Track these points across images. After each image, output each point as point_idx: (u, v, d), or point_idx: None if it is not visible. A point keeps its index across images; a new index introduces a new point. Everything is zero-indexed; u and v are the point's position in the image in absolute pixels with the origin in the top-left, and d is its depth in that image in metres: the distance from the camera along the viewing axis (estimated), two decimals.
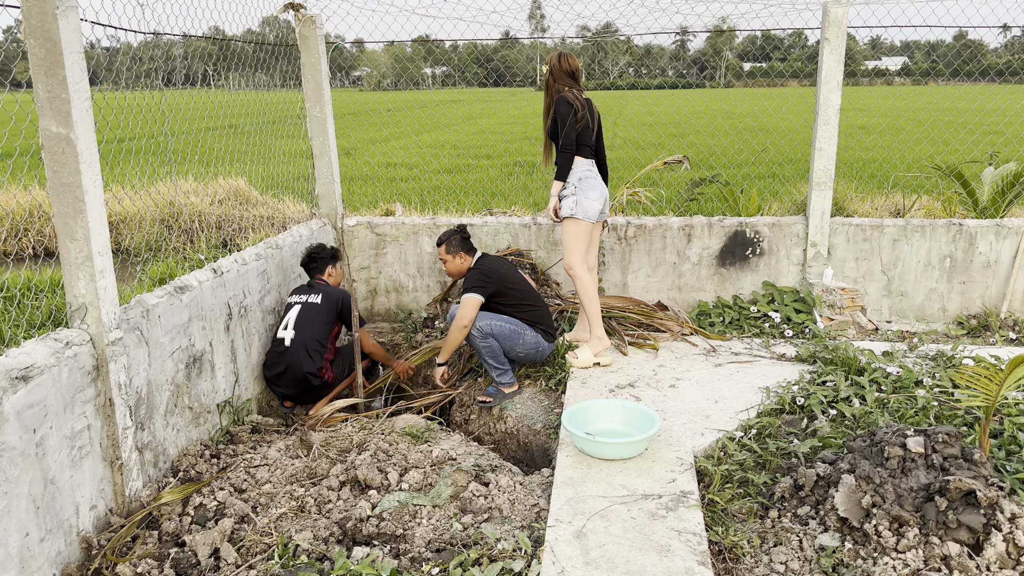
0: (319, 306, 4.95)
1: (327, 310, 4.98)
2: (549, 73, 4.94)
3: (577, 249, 4.94)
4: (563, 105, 4.84)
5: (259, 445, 4.22)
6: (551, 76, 4.93)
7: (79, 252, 3.18)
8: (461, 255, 4.88)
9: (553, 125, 4.94)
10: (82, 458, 3.17)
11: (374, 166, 15.89)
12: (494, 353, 4.73)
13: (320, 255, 5.30)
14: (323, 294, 5.01)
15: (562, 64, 4.91)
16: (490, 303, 4.75)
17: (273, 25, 5.87)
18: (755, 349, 5.32)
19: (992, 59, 16.81)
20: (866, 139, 18.03)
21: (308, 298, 5.00)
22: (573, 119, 4.82)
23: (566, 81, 4.93)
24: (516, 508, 3.47)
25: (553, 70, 4.91)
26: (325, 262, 5.29)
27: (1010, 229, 5.87)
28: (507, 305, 4.79)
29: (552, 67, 4.92)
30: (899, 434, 3.26)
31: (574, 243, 4.93)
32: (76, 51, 3.05)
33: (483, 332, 4.67)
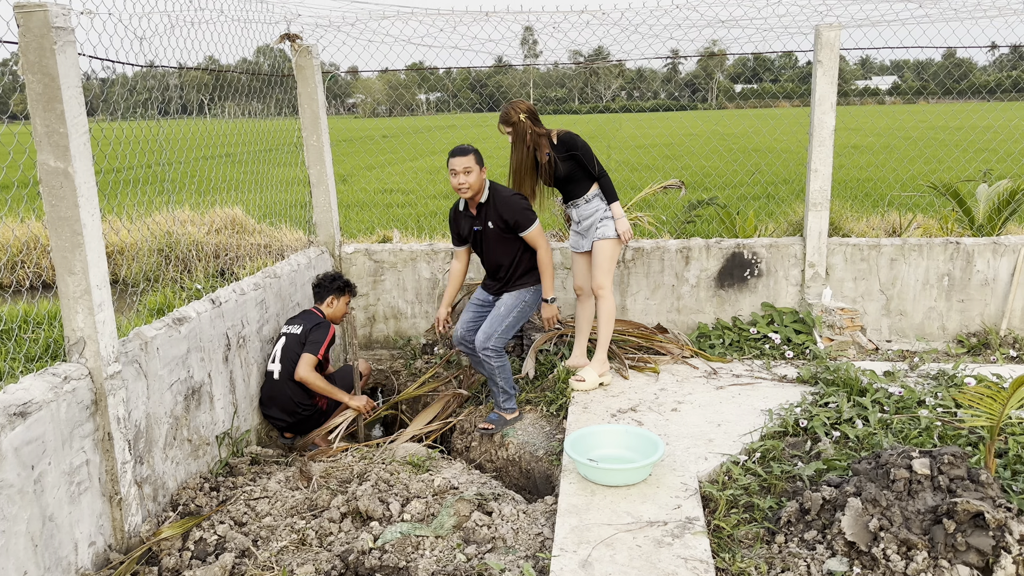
0: (297, 337, 4.91)
1: (302, 341, 4.92)
2: (528, 120, 4.76)
3: (613, 271, 4.99)
4: (577, 137, 4.85)
5: (259, 477, 4.18)
6: (530, 121, 4.78)
7: (77, 286, 3.16)
8: (483, 171, 4.61)
9: (572, 160, 4.85)
10: (81, 494, 3.13)
11: (370, 192, 15.93)
12: (507, 375, 4.69)
13: (325, 283, 5.26)
14: (304, 324, 4.96)
15: (529, 110, 4.81)
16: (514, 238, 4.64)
17: (268, 54, 5.90)
18: (756, 371, 5.30)
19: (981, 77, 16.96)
20: (860, 158, 18.14)
21: (291, 329, 4.96)
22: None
23: (539, 122, 4.86)
24: (520, 537, 3.43)
25: (531, 115, 4.78)
26: (327, 292, 5.25)
27: (1007, 246, 5.88)
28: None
29: (527, 112, 4.77)
30: (904, 456, 3.24)
31: (612, 264, 4.96)
32: (74, 86, 3.06)
33: (498, 351, 4.62)
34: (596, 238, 4.93)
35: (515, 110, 4.77)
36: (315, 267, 5.88)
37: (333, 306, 5.24)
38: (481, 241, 4.72)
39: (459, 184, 4.49)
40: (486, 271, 4.89)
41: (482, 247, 4.75)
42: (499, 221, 4.58)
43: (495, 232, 4.63)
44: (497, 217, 4.59)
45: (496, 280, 4.80)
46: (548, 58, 6.91)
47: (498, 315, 4.68)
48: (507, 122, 4.79)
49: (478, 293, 4.93)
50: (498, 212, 4.58)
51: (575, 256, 5.18)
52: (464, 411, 5.19)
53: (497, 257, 4.71)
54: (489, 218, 4.62)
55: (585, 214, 4.97)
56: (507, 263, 4.69)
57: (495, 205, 4.60)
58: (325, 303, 5.23)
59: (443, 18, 5.69)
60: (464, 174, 4.48)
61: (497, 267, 4.75)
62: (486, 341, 4.62)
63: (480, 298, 4.90)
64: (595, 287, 4.96)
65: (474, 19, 5.57)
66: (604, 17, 5.53)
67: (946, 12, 5.51)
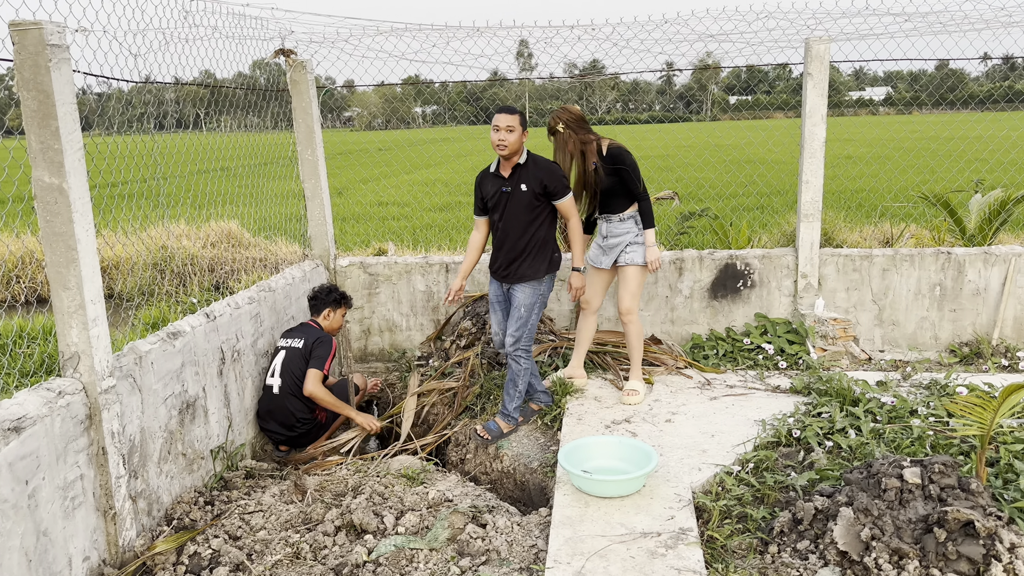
0: (300, 351, 4.92)
1: (305, 355, 4.93)
2: (567, 128, 4.73)
3: (639, 296, 4.99)
4: (626, 154, 4.77)
5: (253, 491, 4.18)
6: (570, 130, 4.73)
7: (72, 301, 3.18)
8: (526, 133, 4.53)
9: (616, 175, 4.78)
10: (75, 508, 3.14)
11: (366, 205, 15.97)
12: (527, 378, 4.71)
13: (321, 296, 5.28)
14: (305, 337, 4.97)
15: (574, 113, 4.76)
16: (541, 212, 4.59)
17: (264, 68, 5.94)
18: (750, 381, 5.32)
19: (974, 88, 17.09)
20: (853, 169, 18.23)
21: (292, 342, 4.96)
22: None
23: (585, 128, 4.79)
24: (514, 549, 3.44)
25: (571, 124, 4.73)
26: (324, 304, 5.27)
27: (998, 256, 5.92)
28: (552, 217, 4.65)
29: (568, 121, 4.73)
30: (895, 465, 3.26)
31: (640, 290, 4.96)
32: (69, 102, 3.09)
33: (528, 350, 4.64)
34: (626, 262, 4.90)
35: (556, 119, 4.75)
36: (310, 280, 5.90)
37: (330, 318, 5.26)
38: (505, 205, 4.61)
39: (499, 140, 4.43)
40: (495, 245, 4.75)
41: (504, 211, 4.62)
42: (537, 184, 4.51)
43: (525, 196, 4.53)
44: (536, 180, 4.51)
45: (504, 257, 4.66)
46: (542, 71, 6.96)
47: (520, 315, 4.64)
48: (550, 131, 4.80)
49: (492, 288, 4.83)
50: (538, 175, 4.51)
51: (591, 270, 5.12)
52: (459, 423, 5.19)
53: (514, 224, 4.59)
54: (524, 180, 4.53)
55: (615, 231, 4.92)
56: (520, 235, 4.58)
57: (534, 168, 4.55)
58: (322, 315, 5.25)
59: (436, 33, 5.74)
60: (506, 131, 4.42)
61: (506, 237, 4.62)
62: (516, 343, 4.62)
63: (496, 293, 4.82)
64: (622, 311, 4.95)
65: (467, 34, 5.61)
66: (595, 32, 5.59)
67: (934, 25, 5.58)
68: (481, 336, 5.92)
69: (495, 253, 4.76)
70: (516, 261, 4.62)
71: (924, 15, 5.58)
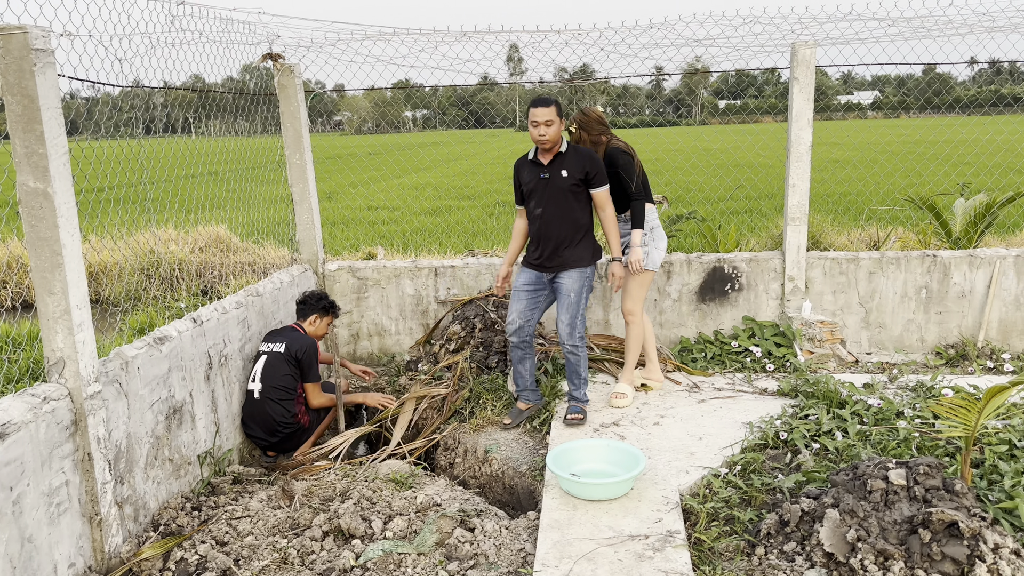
0: (281, 355, 4.89)
1: (289, 359, 4.90)
2: (580, 129, 4.82)
3: (643, 297, 4.98)
4: (620, 155, 4.80)
5: (241, 496, 4.17)
6: (582, 131, 4.82)
7: (57, 306, 3.16)
8: (562, 123, 4.56)
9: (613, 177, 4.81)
10: (60, 515, 3.12)
11: (356, 209, 15.95)
12: (586, 362, 4.77)
13: (310, 301, 5.25)
14: (287, 342, 4.93)
15: (589, 115, 4.82)
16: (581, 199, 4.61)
17: (253, 72, 5.93)
18: (737, 384, 5.34)
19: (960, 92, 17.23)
20: (840, 172, 18.33)
21: (273, 347, 4.93)
22: (638, 165, 4.83)
23: (599, 129, 4.85)
24: (502, 553, 3.44)
25: (584, 124, 4.81)
26: (312, 310, 5.24)
27: (983, 259, 5.97)
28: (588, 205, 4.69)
29: (582, 122, 4.81)
30: (881, 467, 3.28)
31: (641, 292, 4.95)
32: (54, 107, 3.08)
33: (583, 338, 4.69)
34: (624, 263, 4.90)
35: (571, 121, 4.83)
36: (298, 285, 5.89)
37: (315, 324, 5.23)
38: (543, 191, 4.60)
39: (540, 136, 4.45)
40: (534, 235, 4.73)
41: (542, 198, 4.61)
42: (579, 171, 4.51)
43: (566, 182, 4.53)
44: (577, 167, 4.52)
45: (546, 246, 4.66)
46: (532, 76, 6.98)
47: (570, 302, 4.63)
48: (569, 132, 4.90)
49: (523, 277, 4.79)
50: (580, 162, 4.52)
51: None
52: (448, 427, 5.19)
53: (554, 211, 4.58)
54: (565, 167, 4.53)
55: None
56: (562, 221, 4.58)
57: (575, 155, 4.56)
58: (308, 321, 5.22)
59: (425, 37, 5.74)
60: (545, 125, 4.43)
61: (547, 225, 4.62)
62: (572, 334, 4.65)
63: (528, 281, 4.77)
64: (625, 312, 4.99)
65: (455, 39, 5.62)
66: (583, 37, 5.61)
67: (918, 30, 5.62)
68: (470, 340, 5.92)
69: (534, 244, 4.75)
70: (561, 248, 4.62)
71: (909, 20, 5.63)
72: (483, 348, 5.86)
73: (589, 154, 4.59)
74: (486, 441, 4.81)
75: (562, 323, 4.68)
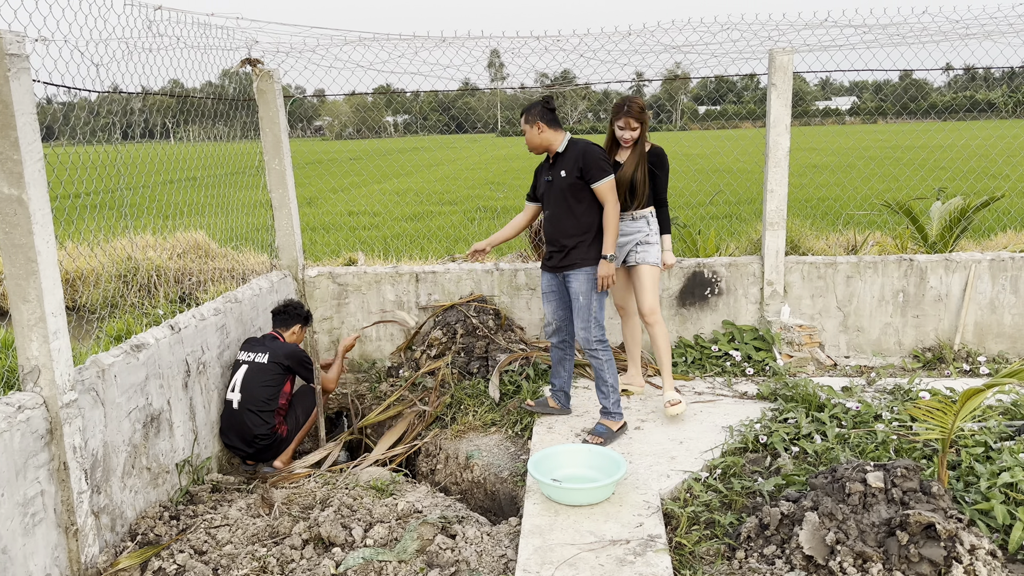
0: (265, 366, 4.83)
1: (274, 369, 4.86)
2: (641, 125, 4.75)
3: (658, 294, 4.93)
4: (665, 157, 4.86)
5: (220, 504, 4.13)
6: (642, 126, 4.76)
7: (32, 313, 3.13)
8: (539, 126, 4.52)
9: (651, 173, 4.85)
10: (35, 525, 3.08)
11: (336, 215, 15.89)
12: (614, 369, 4.63)
13: (292, 311, 5.22)
14: (270, 352, 4.89)
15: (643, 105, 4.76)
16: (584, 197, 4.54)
17: (232, 77, 5.89)
18: (717, 388, 5.37)
19: (936, 97, 17.47)
20: (819, 177, 18.50)
21: (255, 357, 4.88)
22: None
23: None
24: (484, 560, 3.43)
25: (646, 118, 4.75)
26: (294, 320, 5.20)
27: (959, 263, 6.04)
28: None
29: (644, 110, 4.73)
30: (859, 470, 3.31)
31: (657, 288, 4.90)
32: (28, 112, 3.04)
33: (603, 341, 4.60)
34: (637, 261, 4.88)
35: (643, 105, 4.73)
36: (277, 291, 5.85)
37: (296, 334, 5.21)
38: (549, 193, 4.63)
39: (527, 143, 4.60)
40: (545, 234, 4.74)
41: (548, 200, 4.65)
42: (574, 169, 4.49)
43: (564, 181, 4.52)
44: (572, 165, 4.50)
45: (552, 246, 4.66)
46: (513, 81, 6.99)
47: (580, 305, 4.59)
48: (639, 118, 4.72)
49: (545, 280, 4.80)
50: (574, 159, 4.50)
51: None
52: (430, 434, 5.17)
53: (557, 211, 4.58)
54: (563, 167, 4.53)
55: (627, 230, 4.88)
56: (564, 221, 4.56)
57: (572, 153, 4.54)
58: (290, 331, 5.19)
59: (405, 43, 5.73)
60: (524, 135, 4.58)
61: (552, 226, 4.62)
62: (587, 338, 4.59)
63: (549, 283, 4.79)
64: (646, 313, 4.88)
65: (435, 44, 5.62)
66: (563, 43, 5.62)
67: (894, 37, 5.69)
68: (452, 346, 5.91)
69: (545, 245, 4.78)
70: (568, 249, 4.58)
71: (884, 27, 5.69)
72: (464, 354, 5.85)
73: (584, 149, 4.49)
74: (468, 447, 4.80)
75: (576, 328, 4.65)
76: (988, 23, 5.68)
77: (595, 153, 4.49)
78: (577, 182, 4.49)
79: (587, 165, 4.45)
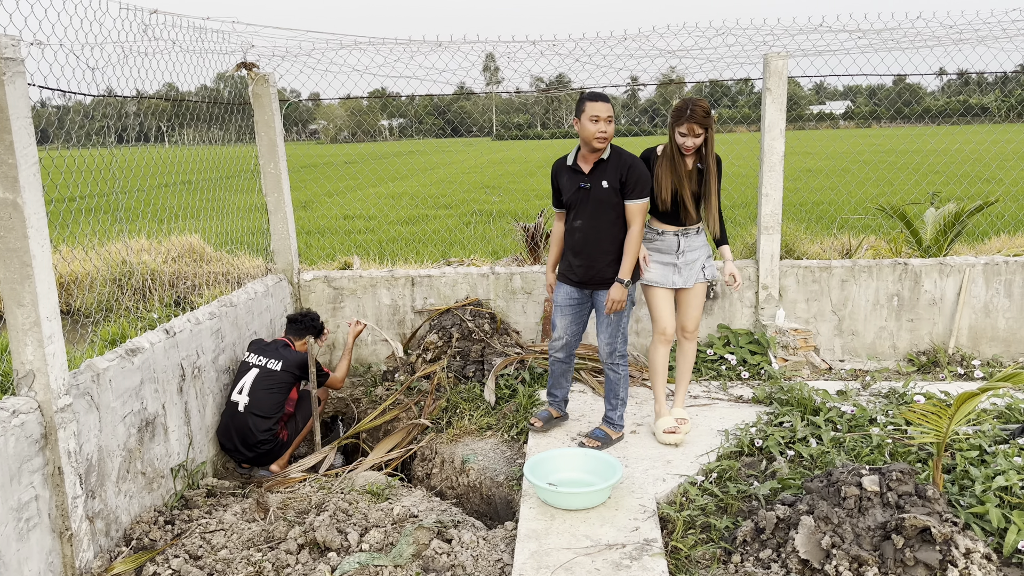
0: (278, 374, 4.84)
1: (285, 377, 4.87)
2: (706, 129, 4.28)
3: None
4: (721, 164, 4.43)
5: (215, 509, 4.12)
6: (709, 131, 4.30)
7: (26, 318, 3.12)
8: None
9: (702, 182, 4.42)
10: (29, 530, 3.06)
11: (331, 219, 15.88)
12: (627, 383, 4.53)
13: (309, 322, 5.22)
14: (283, 360, 4.89)
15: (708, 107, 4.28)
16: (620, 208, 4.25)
17: (227, 81, 5.89)
18: (713, 392, 5.38)
19: (930, 102, 17.55)
20: (813, 181, 18.55)
21: (268, 363, 4.89)
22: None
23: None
24: (480, 564, 3.43)
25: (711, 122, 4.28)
26: (307, 331, 5.20)
27: (953, 267, 6.06)
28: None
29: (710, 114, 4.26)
30: (855, 473, 3.31)
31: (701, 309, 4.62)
32: (24, 116, 3.04)
33: (625, 356, 4.42)
34: (701, 278, 4.54)
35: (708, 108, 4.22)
36: (272, 295, 5.85)
37: (304, 344, 5.21)
38: (583, 203, 4.29)
39: (601, 132, 4.10)
40: (572, 248, 4.39)
41: (583, 210, 4.29)
42: (616, 180, 4.19)
43: (605, 192, 4.21)
44: (614, 175, 4.19)
45: (583, 262, 4.35)
46: (508, 86, 7.00)
47: (610, 321, 4.34)
48: (704, 123, 4.23)
49: (563, 292, 4.49)
50: (620, 169, 4.19)
51: (661, 292, 4.52)
52: (425, 438, 5.17)
53: (594, 225, 4.26)
54: (606, 176, 4.21)
55: (693, 245, 4.49)
56: (602, 236, 4.27)
57: (617, 161, 4.22)
58: (302, 341, 5.19)
59: (400, 47, 5.74)
60: (606, 122, 4.11)
61: (586, 240, 4.30)
62: (611, 353, 4.41)
63: (569, 295, 4.49)
64: (689, 330, 4.60)
65: (431, 48, 5.63)
66: (558, 47, 5.64)
67: (888, 42, 5.71)
68: (447, 349, 5.91)
69: (571, 258, 4.42)
70: (599, 265, 4.32)
71: (878, 31, 5.72)
72: (460, 357, 5.85)
73: (632, 161, 4.23)
74: (463, 451, 4.80)
75: (601, 341, 4.43)
76: (982, 28, 5.71)
77: (642, 169, 4.24)
78: (618, 193, 4.23)
79: (631, 179, 4.19)
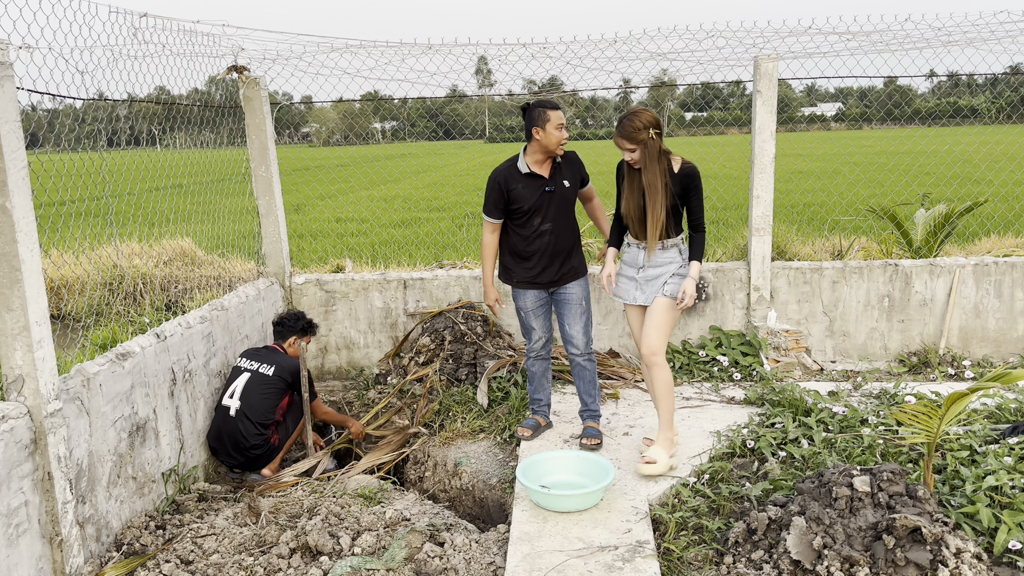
0: (270, 378, 4.83)
1: (277, 383, 4.85)
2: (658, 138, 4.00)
3: (670, 334, 4.24)
4: (698, 176, 4.08)
5: (206, 514, 4.10)
6: (654, 135, 3.98)
7: (15, 322, 3.10)
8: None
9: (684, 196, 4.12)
10: (19, 536, 3.05)
11: (324, 222, 15.85)
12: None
13: (291, 322, 5.20)
14: (276, 365, 4.88)
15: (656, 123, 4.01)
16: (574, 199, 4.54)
17: (219, 84, 5.88)
18: (705, 393, 5.39)
19: (920, 104, 17.65)
20: (804, 183, 18.61)
21: (260, 367, 4.87)
22: None
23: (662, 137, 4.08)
24: (472, 568, 3.43)
25: (659, 131, 4.00)
26: (292, 331, 5.18)
27: (943, 268, 6.09)
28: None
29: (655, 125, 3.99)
30: (846, 474, 3.32)
31: (671, 328, 4.20)
32: (12, 120, 3.03)
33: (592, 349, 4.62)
34: (662, 293, 4.15)
35: (640, 124, 3.96)
36: (264, 298, 5.83)
37: (295, 346, 5.18)
38: (549, 206, 4.36)
39: (565, 138, 4.29)
40: (540, 250, 4.41)
41: (549, 212, 4.37)
42: (575, 177, 4.46)
43: (569, 191, 4.43)
44: (573, 173, 4.45)
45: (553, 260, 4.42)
46: (500, 88, 7.01)
47: (583, 309, 4.53)
48: (632, 139, 3.98)
49: (531, 297, 4.52)
50: (573, 167, 4.47)
51: (631, 310, 4.37)
52: (418, 441, 5.16)
53: (563, 224, 4.42)
54: (565, 176, 4.42)
55: (658, 261, 4.18)
56: (568, 233, 4.46)
57: (566, 160, 4.47)
58: (288, 342, 5.17)
59: (392, 50, 5.74)
60: (565, 128, 4.29)
61: (555, 238, 4.39)
62: (588, 342, 4.57)
63: (537, 298, 4.54)
64: (650, 352, 4.12)
65: (422, 51, 5.63)
66: (549, 50, 5.64)
67: (877, 44, 5.74)
68: (440, 352, 5.90)
69: (540, 259, 4.43)
70: (571, 260, 4.52)
71: (868, 34, 5.75)
72: (453, 360, 5.85)
73: (574, 156, 4.52)
74: (456, 454, 4.80)
75: (576, 332, 4.52)
76: (970, 30, 5.74)
77: (577, 156, 4.57)
78: (575, 189, 4.51)
79: (582, 168, 4.55)
